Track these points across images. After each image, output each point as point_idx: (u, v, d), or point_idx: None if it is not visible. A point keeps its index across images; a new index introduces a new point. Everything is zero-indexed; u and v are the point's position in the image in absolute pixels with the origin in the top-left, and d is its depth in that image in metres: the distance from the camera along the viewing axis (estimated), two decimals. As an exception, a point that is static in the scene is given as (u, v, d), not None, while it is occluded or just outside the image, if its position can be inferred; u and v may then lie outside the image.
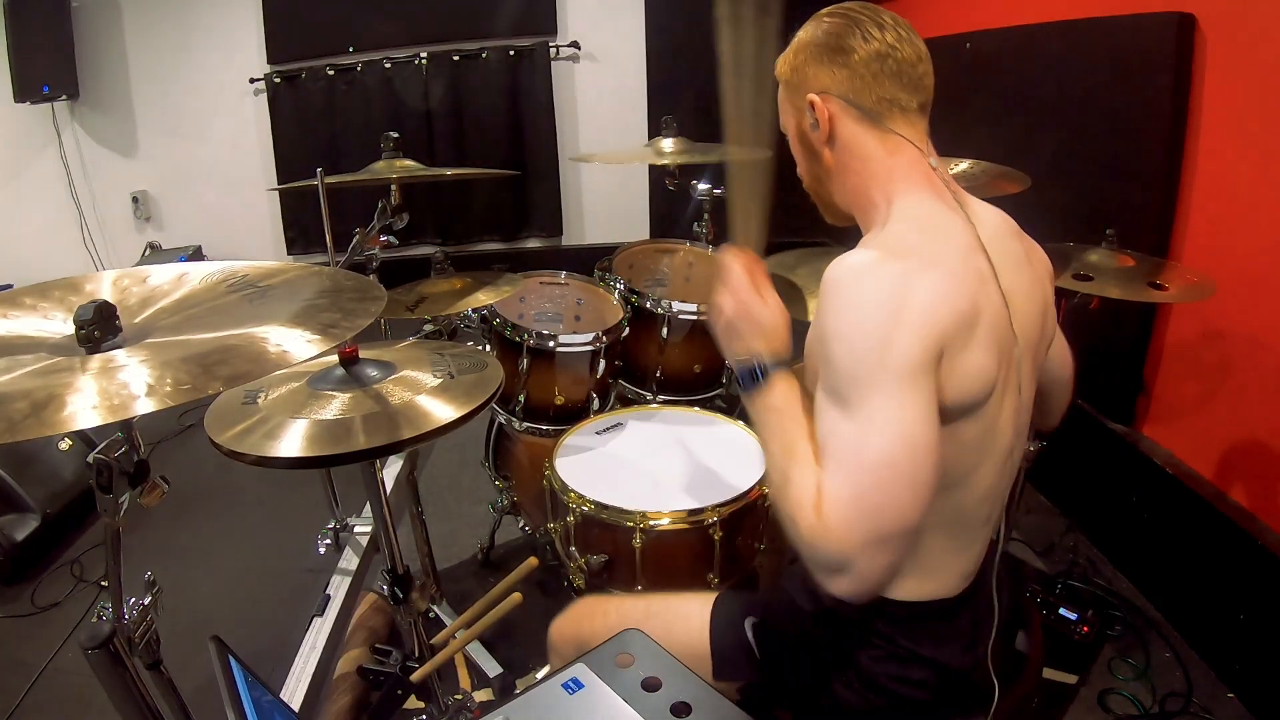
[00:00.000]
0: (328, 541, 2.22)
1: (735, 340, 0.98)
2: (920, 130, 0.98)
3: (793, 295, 2.01)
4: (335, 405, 1.04)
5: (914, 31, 0.96)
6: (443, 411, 1.03)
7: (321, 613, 1.95)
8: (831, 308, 0.85)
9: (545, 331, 1.82)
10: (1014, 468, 1.02)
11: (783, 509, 0.87)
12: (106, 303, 0.81)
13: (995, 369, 0.88)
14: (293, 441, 0.97)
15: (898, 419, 0.80)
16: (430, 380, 1.10)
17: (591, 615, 1.22)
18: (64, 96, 3.93)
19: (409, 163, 1.88)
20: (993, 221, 1.00)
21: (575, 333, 1.85)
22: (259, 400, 1.07)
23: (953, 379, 0.84)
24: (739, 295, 0.97)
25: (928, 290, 0.83)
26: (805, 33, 1.00)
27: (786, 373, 0.94)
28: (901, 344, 0.81)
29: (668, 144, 2.27)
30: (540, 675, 0.93)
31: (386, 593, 1.24)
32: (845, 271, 0.86)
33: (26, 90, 3.78)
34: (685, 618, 1.14)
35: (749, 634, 1.10)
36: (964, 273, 0.88)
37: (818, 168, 1.03)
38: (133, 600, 0.90)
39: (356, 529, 2.24)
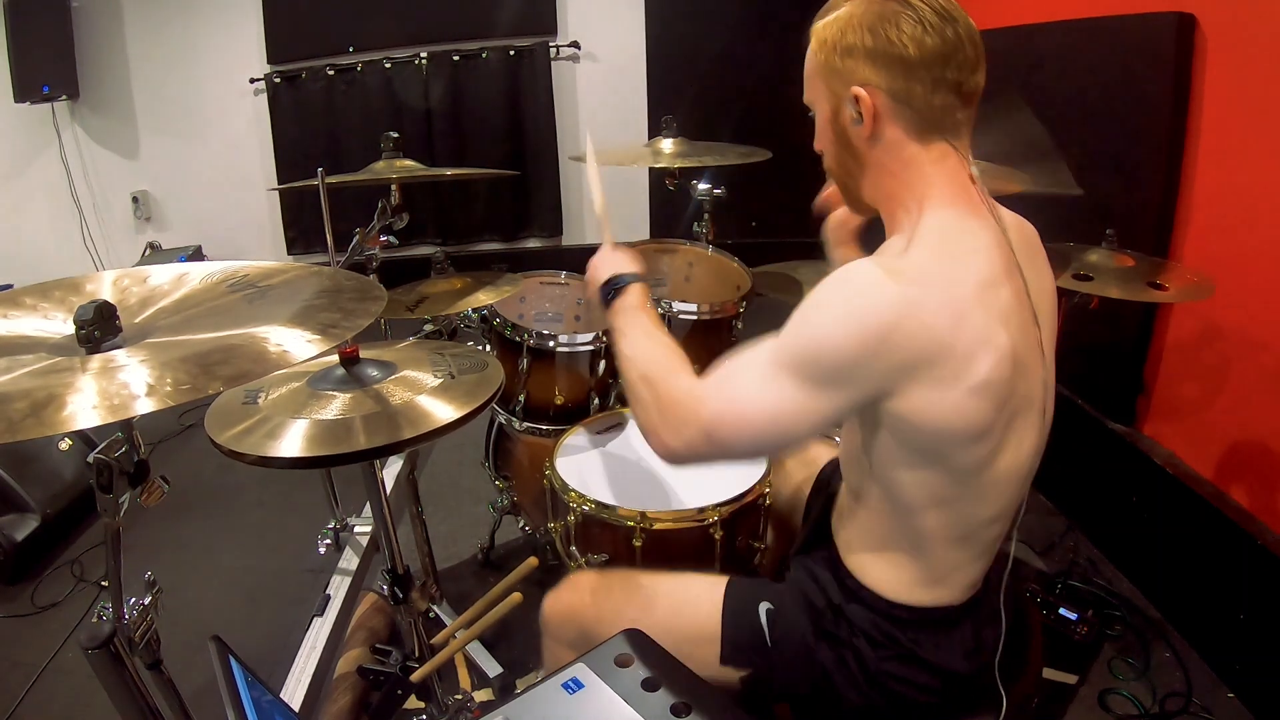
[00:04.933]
0: (328, 541, 2.21)
1: (594, 280, 1.14)
2: (966, 135, 0.92)
3: (797, 294, 2.01)
4: (335, 405, 1.04)
5: (969, 19, 0.87)
6: (443, 411, 1.03)
7: (321, 613, 1.94)
8: (816, 291, 0.87)
9: (545, 331, 1.82)
10: (1028, 486, 0.99)
11: (649, 370, 0.98)
12: (106, 303, 0.81)
13: (987, 410, 0.85)
14: (293, 441, 0.97)
15: (791, 402, 0.86)
16: (430, 380, 1.10)
17: (594, 591, 1.17)
18: (64, 96, 3.92)
19: (409, 163, 1.88)
20: (1019, 233, 0.96)
21: (575, 333, 1.84)
22: (259, 400, 1.07)
23: (928, 411, 0.85)
24: (596, 258, 1.17)
25: (908, 321, 0.81)
26: (855, 5, 0.88)
27: (639, 285, 1.09)
28: (840, 352, 0.83)
29: (667, 144, 2.26)
30: (541, 676, 0.93)
31: (386, 593, 1.24)
32: (843, 271, 0.86)
33: (26, 90, 3.77)
34: (695, 600, 1.12)
35: (763, 619, 1.08)
36: (969, 308, 0.83)
37: (851, 161, 0.96)
38: (133, 600, 0.90)
39: (356, 529, 2.24)
